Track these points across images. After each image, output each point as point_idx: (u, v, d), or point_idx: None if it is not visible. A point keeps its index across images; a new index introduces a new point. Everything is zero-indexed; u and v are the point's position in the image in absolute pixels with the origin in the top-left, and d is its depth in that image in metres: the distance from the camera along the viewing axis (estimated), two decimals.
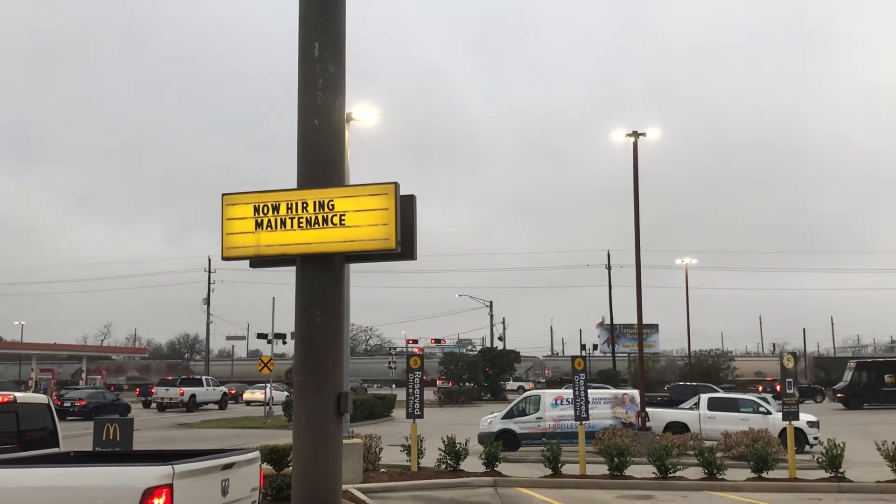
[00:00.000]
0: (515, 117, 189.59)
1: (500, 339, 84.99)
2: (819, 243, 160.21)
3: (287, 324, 44.80)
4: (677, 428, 25.09)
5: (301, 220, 10.23)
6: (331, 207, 10.13)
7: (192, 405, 50.41)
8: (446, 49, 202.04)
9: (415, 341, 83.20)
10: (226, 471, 8.00)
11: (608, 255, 75.89)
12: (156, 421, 41.09)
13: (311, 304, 10.43)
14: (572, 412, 19.94)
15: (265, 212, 10.37)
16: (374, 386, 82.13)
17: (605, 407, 25.06)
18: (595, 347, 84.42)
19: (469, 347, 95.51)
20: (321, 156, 10.57)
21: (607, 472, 17.24)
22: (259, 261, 11.00)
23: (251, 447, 10.22)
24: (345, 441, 13.66)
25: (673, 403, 32.57)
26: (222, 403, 54.08)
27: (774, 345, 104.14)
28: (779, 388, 33.62)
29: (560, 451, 17.58)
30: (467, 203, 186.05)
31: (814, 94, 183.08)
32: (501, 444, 19.32)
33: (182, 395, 50.56)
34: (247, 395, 59.82)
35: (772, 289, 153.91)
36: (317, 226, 10.17)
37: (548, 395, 25.97)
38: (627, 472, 17.22)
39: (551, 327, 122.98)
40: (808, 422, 24.15)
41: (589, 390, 20.21)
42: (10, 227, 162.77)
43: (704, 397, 27.30)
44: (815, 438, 23.55)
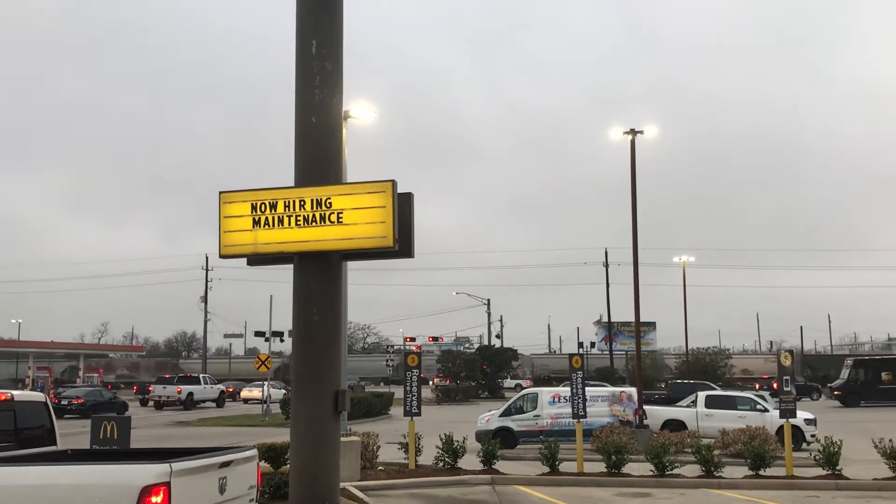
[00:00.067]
0: (513, 116, 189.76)
1: (497, 336, 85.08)
2: (817, 241, 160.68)
3: (285, 322, 44.70)
4: (675, 426, 25.11)
5: (298, 218, 10.21)
6: (328, 205, 10.12)
7: (189, 403, 50.38)
8: (444, 48, 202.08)
9: (412, 339, 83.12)
10: (223, 469, 7.99)
11: (606, 253, 76.00)
12: (153, 419, 41.07)
13: (308, 303, 10.42)
14: (570, 410, 19.94)
15: (263, 210, 10.36)
16: (368, 384, 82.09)
17: (603, 405, 25.08)
18: (593, 345, 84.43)
19: (467, 345, 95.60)
20: (319, 153, 10.56)
21: (605, 470, 17.25)
22: (257, 259, 10.99)
23: (249, 445, 10.22)
24: (342, 439, 13.67)
25: (670, 401, 32.62)
26: (220, 401, 54.06)
27: (772, 342, 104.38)
28: (775, 385, 33.73)
29: (558, 448, 17.58)
30: (465, 201, 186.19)
31: (813, 93, 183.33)
32: (499, 441, 19.34)
33: (179, 393, 50.54)
34: (244, 393, 59.79)
35: (769, 287, 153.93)
36: (314, 224, 10.16)
37: (545, 392, 25.98)
38: (625, 469, 17.23)
39: (549, 325, 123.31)
40: (805, 419, 24.18)
41: (586, 388, 20.22)
42: (7, 224, 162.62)
43: (702, 395, 27.33)
44: (813, 436, 23.58)
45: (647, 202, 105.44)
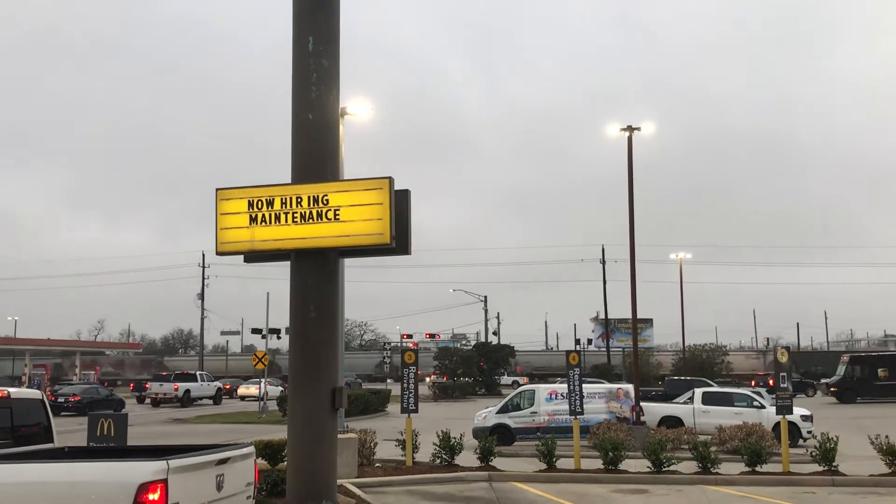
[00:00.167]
0: (510, 113, 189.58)
1: (494, 333, 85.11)
2: (814, 238, 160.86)
3: (282, 319, 44.80)
4: (672, 422, 25.13)
5: (295, 215, 10.20)
6: (325, 202, 10.10)
7: (186, 400, 50.38)
8: (442, 46, 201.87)
9: (409, 336, 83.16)
10: (220, 466, 7.99)
11: (603, 250, 75.98)
12: (150, 416, 41.04)
13: (305, 300, 10.41)
14: (567, 407, 19.96)
15: (259, 206, 10.34)
16: (364, 381, 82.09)
17: (600, 401, 25.10)
18: (590, 342, 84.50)
19: (463, 342, 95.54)
20: (316, 150, 10.54)
21: (602, 467, 17.26)
22: (253, 256, 10.97)
23: (246, 442, 10.22)
24: (339, 436, 13.65)
25: (667, 398, 32.65)
26: (217, 398, 54.06)
27: (768, 339, 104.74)
28: (771, 382, 33.77)
29: (555, 445, 17.59)
30: (462, 198, 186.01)
31: (810, 89, 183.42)
32: (496, 438, 19.35)
33: (176, 390, 50.52)
34: (241, 391, 59.78)
35: (766, 283, 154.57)
36: (311, 221, 10.15)
37: (542, 389, 26.00)
38: (622, 466, 17.25)
39: (546, 322, 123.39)
40: (801, 416, 24.23)
41: (583, 385, 20.24)
42: (4, 222, 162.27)
43: (699, 392, 27.35)
44: (809, 432, 23.63)
45: (644, 199, 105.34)
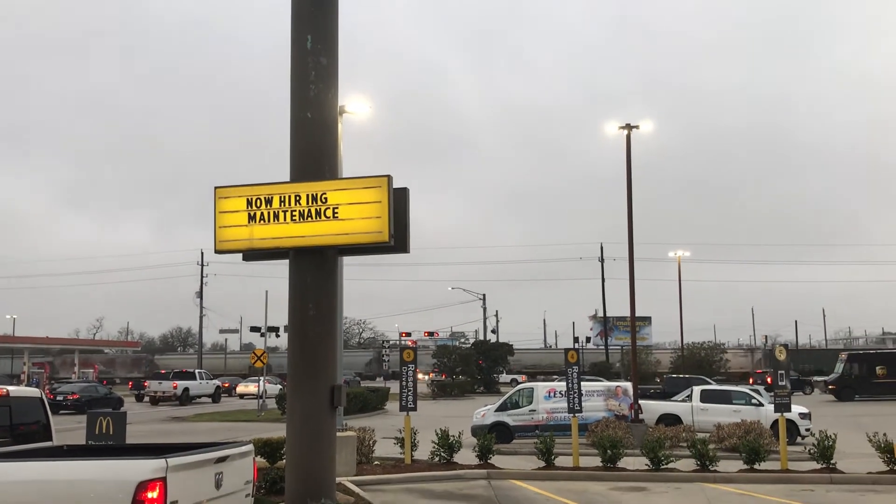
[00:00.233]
0: (509, 111, 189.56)
1: (493, 331, 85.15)
2: (812, 235, 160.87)
3: (280, 317, 44.82)
4: (670, 420, 25.17)
5: (294, 213, 10.21)
6: (324, 200, 10.11)
7: (185, 398, 50.35)
8: (441, 44, 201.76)
9: (408, 334, 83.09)
10: (219, 464, 8.00)
11: (601, 248, 76.00)
12: (149, 414, 41.04)
13: (304, 298, 10.43)
14: (565, 405, 19.97)
15: (258, 205, 10.35)
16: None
17: (598, 399, 25.13)
18: (588, 340, 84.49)
19: (462, 340, 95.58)
20: (314, 149, 10.55)
21: (600, 464, 17.28)
22: (252, 254, 10.98)
23: (245, 440, 10.23)
24: (338, 434, 13.66)
25: (666, 396, 32.68)
26: (215, 397, 54.05)
27: (766, 337, 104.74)
28: (769, 380, 33.80)
29: (553, 443, 17.61)
30: (461, 197, 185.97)
31: (808, 86, 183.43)
32: (495, 436, 19.35)
33: (175, 388, 50.49)
34: (240, 389, 59.75)
35: (765, 281, 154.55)
36: (310, 219, 10.16)
37: (541, 387, 26.01)
38: (620, 463, 17.27)
39: (544, 320, 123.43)
40: (799, 413, 24.26)
41: (582, 383, 20.26)
42: (2, 220, 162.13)
43: (697, 389, 27.38)
44: (807, 430, 23.67)
45: (643, 197, 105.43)
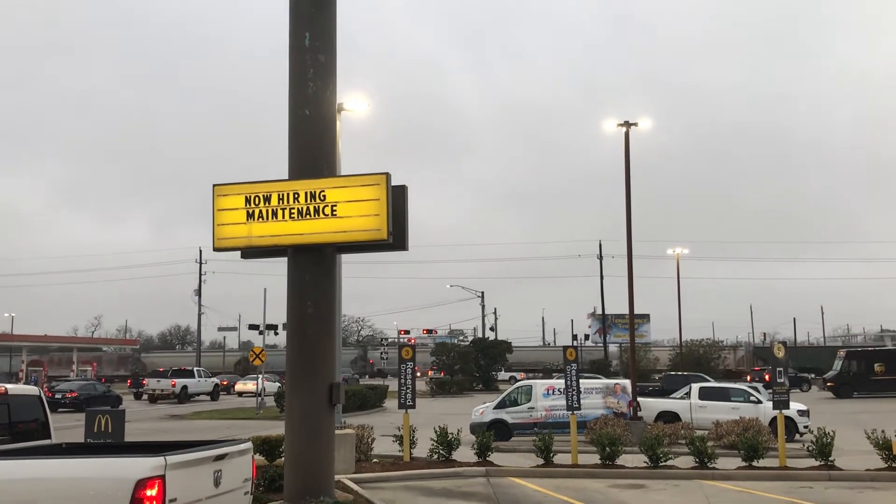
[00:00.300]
0: (507, 109, 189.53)
1: (491, 329, 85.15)
2: (811, 233, 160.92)
3: (279, 315, 44.72)
4: (668, 417, 25.19)
5: (293, 211, 10.22)
6: (322, 198, 10.12)
7: (183, 396, 50.35)
8: (439, 41, 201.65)
9: (407, 332, 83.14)
10: (218, 462, 7.99)
11: (600, 246, 76.12)
12: (147, 412, 41.03)
13: (302, 295, 10.43)
14: (564, 402, 19.98)
15: (256, 202, 10.36)
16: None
17: (597, 397, 25.14)
18: (587, 338, 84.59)
19: (461, 338, 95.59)
20: (312, 146, 10.55)
21: (599, 462, 17.29)
22: (251, 252, 10.99)
23: (243, 438, 10.22)
24: (337, 432, 13.68)
25: (664, 393, 32.71)
26: (214, 394, 54.05)
27: (765, 334, 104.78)
28: (767, 377, 33.81)
29: (552, 440, 17.62)
30: (459, 194, 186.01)
31: (806, 83, 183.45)
32: (493, 434, 19.36)
33: (174, 386, 50.49)
34: (238, 387, 59.76)
35: (764, 279, 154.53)
36: (308, 216, 10.16)
37: (539, 385, 26.02)
38: (619, 461, 17.28)
39: (543, 318, 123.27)
40: (798, 411, 24.28)
41: (581, 380, 20.27)
42: (1, 218, 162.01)
43: (695, 387, 27.40)
44: (806, 427, 23.69)
45: (642, 196, 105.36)
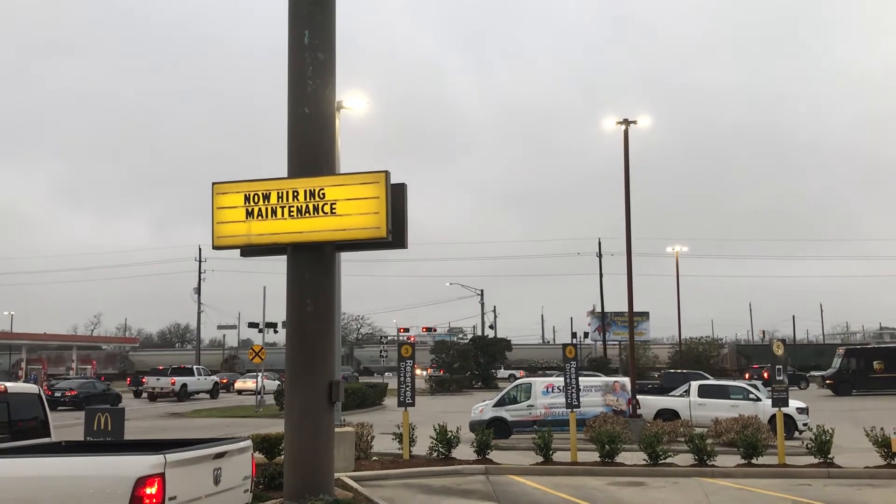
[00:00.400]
0: (507, 108, 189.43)
1: (491, 327, 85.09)
2: (810, 231, 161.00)
3: (279, 313, 44.73)
4: (668, 415, 25.20)
5: (292, 209, 10.22)
6: (321, 196, 10.11)
7: (183, 395, 50.36)
8: (439, 44, 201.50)
9: (406, 330, 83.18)
10: (218, 460, 8.00)
11: (599, 244, 76.08)
12: (147, 410, 41.04)
13: (302, 293, 10.43)
14: (563, 400, 19.99)
15: (256, 200, 10.36)
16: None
17: (596, 395, 25.16)
18: (586, 335, 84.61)
19: (460, 336, 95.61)
20: (312, 145, 10.55)
21: (598, 459, 17.31)
22: (250, 250, 10.99)
23: (243, 436, 10.22)
24: (336, 430, 13.69)
25: (664, 391, 32.73)
26: (214, 393, 54.04)
27: (764, 332, 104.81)
28: (766, 374, 33.84)
29: (551, 438, 17.63)
30: (459, 192, 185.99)
31: (805, 83, 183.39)
32: (493, 431, 19.35)
33: (173, 384, 50.49)
34: (238, 385, 59.79)
35: (763, 277, 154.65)
36: (307, 214, 10.16)
37: (539, 383, 26.03)
38: (618, 458, 17.29)
39: (542, 315, 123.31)
40: (797, 408, 24.30)
41: (580, 378, 20.27)
42: (0, 218, 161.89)
43: (695, 384, 27.42)
44: (805, 425, 23.70)
45: (642, 194, 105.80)
